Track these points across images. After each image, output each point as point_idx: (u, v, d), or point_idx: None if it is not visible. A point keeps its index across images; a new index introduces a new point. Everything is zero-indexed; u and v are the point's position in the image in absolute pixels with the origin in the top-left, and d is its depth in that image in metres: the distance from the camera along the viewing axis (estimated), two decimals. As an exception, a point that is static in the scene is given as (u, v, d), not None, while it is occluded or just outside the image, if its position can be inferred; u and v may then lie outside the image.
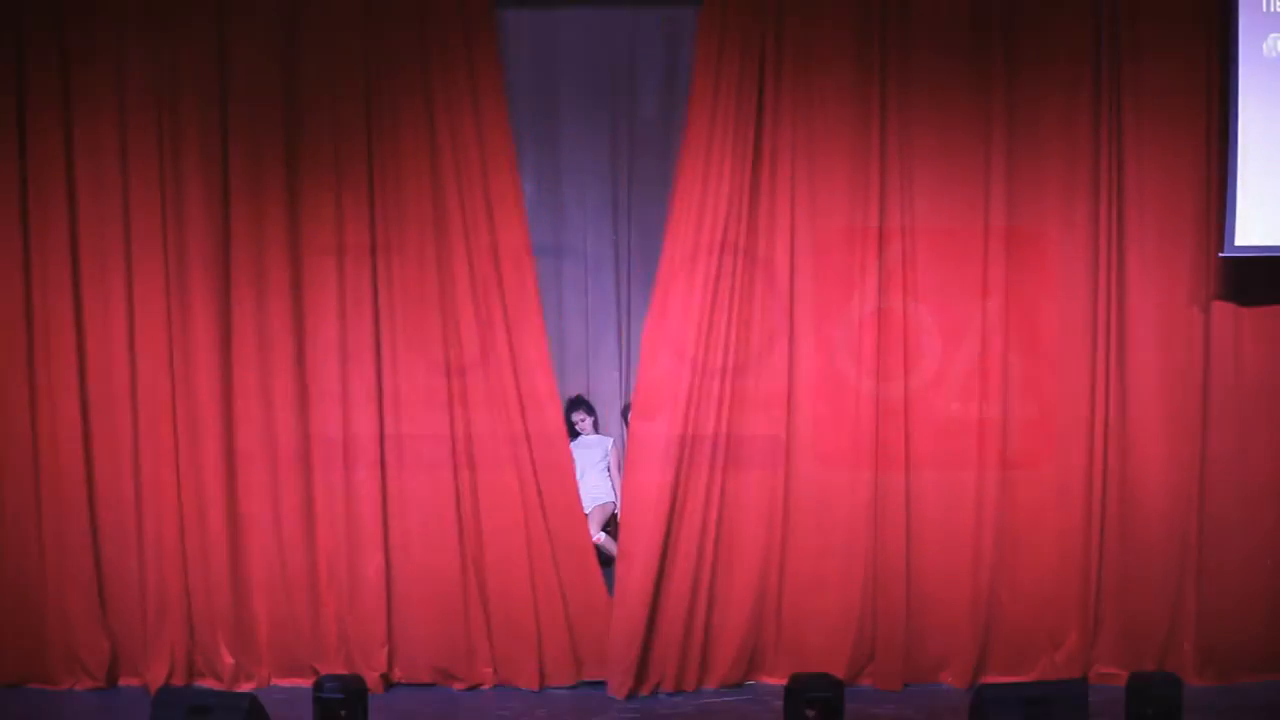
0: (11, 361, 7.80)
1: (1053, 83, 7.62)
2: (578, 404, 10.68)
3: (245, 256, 7.75)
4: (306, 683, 7.64)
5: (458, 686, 7.85)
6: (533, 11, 10.46)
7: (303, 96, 7.84)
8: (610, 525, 10.50)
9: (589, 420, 10.65)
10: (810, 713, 6.43)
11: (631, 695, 7.65)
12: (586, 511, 10.44)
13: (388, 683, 7.81)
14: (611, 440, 10.70)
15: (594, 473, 10.57)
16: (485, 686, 7.85)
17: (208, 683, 7.80)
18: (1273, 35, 7.49)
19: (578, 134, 10.69)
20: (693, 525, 7.73)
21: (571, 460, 7.91)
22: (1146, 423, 7.69)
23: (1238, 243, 7.51)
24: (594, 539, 10.35)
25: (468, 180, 7.84)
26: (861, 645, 7.69)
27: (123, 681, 7.93)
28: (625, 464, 7.80)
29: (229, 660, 7.78)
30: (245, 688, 7.66)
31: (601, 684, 7.80)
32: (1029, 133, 7.65)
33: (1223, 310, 7.68)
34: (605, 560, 10.49)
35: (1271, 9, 7.46)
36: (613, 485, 10.57)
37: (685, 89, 10.65)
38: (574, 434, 10.67)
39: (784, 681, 6.93)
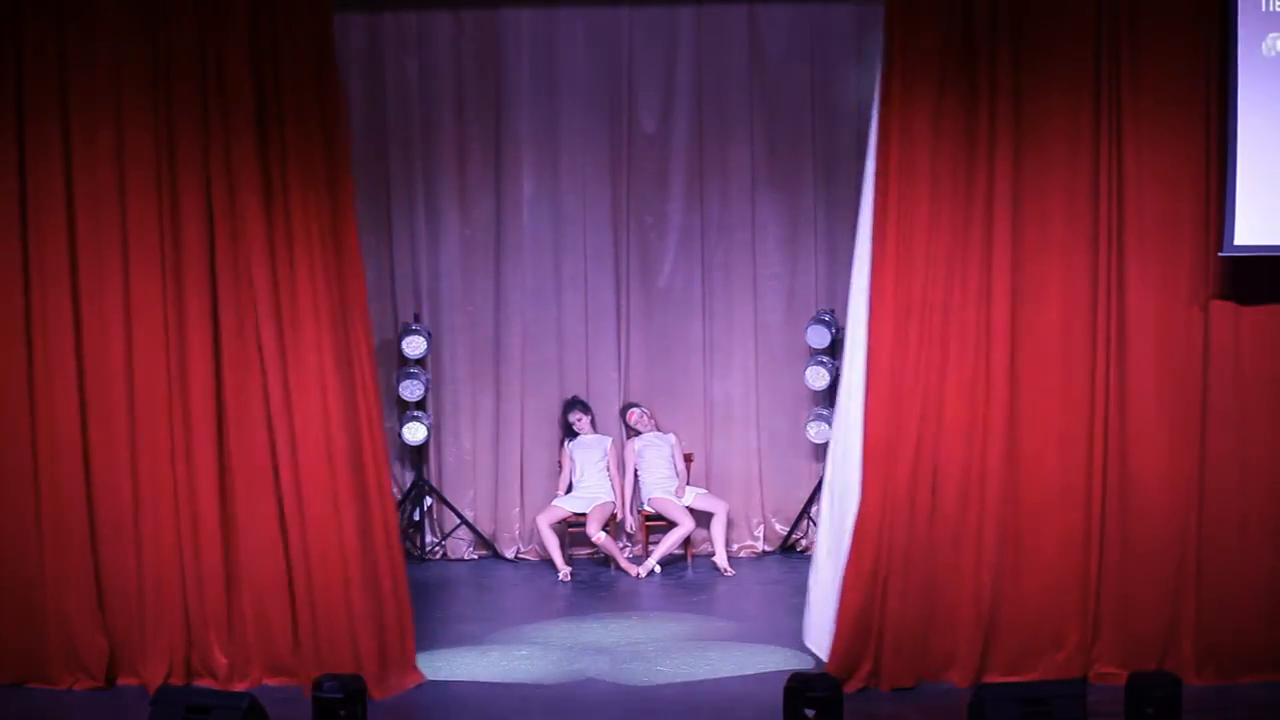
0: (11, 360, 7.80)
1: (1056, 83, 7.61)
2: (574, 404, 10.71)
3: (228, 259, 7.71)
4: (293, 682, 7.65)
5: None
6: (533, 11, 10.48)
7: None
8: (609, 524, 10.52)
9: (586, 419, 10.67)
10: (810, 713, 6.42)
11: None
12: (585, 511, 10.47)
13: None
14: (610, 440, 10.71)
15: (593, 472, 10.59)
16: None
17: (205, 682, 7.80)
18: (1272, 35, 7.48)
19: (578, 134, 10.71)
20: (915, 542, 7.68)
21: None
22: (1146, 422, 7.68)
23: (1237, 242, 7.50)
24: (594, 538, 10.38)
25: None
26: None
27: (121, 681, 7.93)
28: (864, 478, 7.68)
29: (223, 660, 7.78)
30: (239, 687, 7.66)
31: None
32: (1033, 134, 7.66)
33: (1222, 309, 7.67)
34: (604, 559, 10.51)
35: (1271, 9, 7.46)
36: (612, 485, 10.59)
37: (684, 88, 10.70)
38: (572, 434, 10.70)
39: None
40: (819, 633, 7.93)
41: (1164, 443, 7.69)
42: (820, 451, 10.64)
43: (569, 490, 10.56)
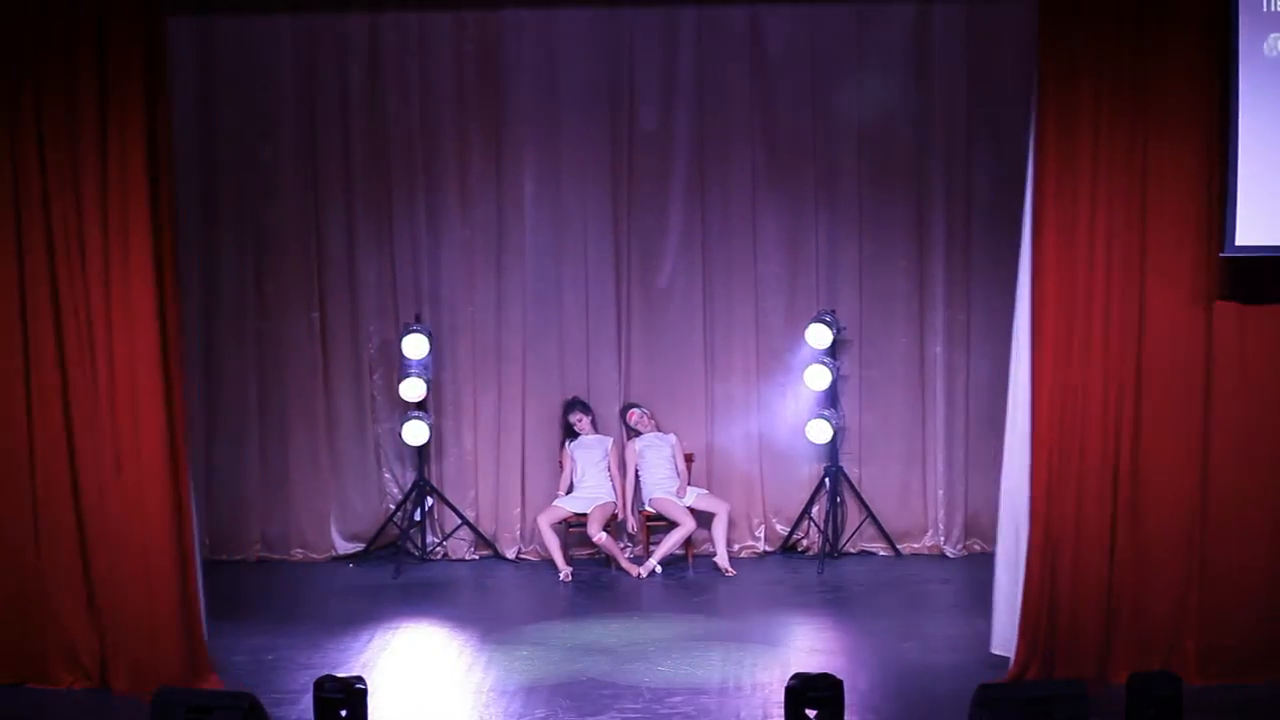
0: (10, 361, 7.81)
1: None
2: (575, 405, 10.71)
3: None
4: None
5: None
6: (533, 11, 10.49)
7: None
8: (610, 525, 10.52)
9: (586, 420, 10.67)
10: (811, 713, 6.41)
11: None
12: (586, 511, 10.47)
13: None
14: (611, 440, 10.71)
15: (594, 472, 10.59)
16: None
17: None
18: (1273, 35, 7.48)
19: (578, 134, 10.71)
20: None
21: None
22: (1151, 423, 7.70)
23: (1238, 242, 7.51)
24: (595, 538, 10.37)
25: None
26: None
27: (114, 681, 7.94)
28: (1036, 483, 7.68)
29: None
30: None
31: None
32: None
33: (1224, 310, 7.68)
34: (605, 560, 10.51)
35: (1272, 9, 7.46)
36: (612, 485, 10.60)
37: (684, 88, 10.69)
38: (573, 434, 10.70)
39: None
40: (1000, 638, 7.99)
41: (1168, 442, 7.69)
42: (820, 452, 10.66)
43: (570, 490, 10.56)
